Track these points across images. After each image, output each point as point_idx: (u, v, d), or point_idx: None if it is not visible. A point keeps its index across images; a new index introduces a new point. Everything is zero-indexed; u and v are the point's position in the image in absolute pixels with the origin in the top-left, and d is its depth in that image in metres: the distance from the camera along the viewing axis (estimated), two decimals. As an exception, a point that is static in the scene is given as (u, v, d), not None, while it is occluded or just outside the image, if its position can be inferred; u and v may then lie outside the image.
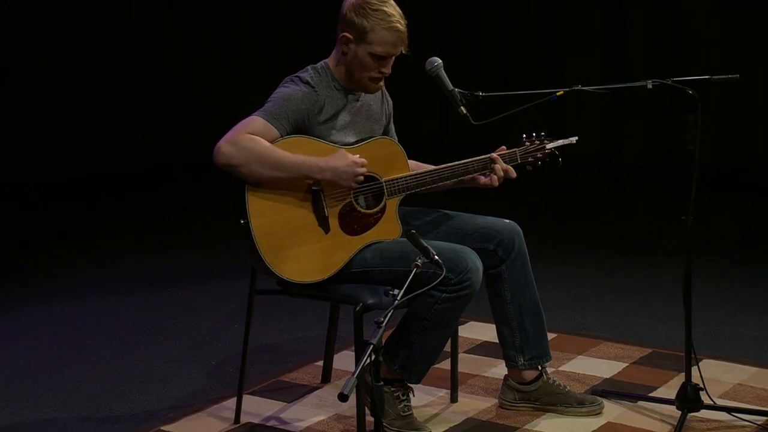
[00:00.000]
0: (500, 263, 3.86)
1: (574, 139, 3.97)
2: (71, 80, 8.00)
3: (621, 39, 8.18)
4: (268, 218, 3.58)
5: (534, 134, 3.96)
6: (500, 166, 3.83)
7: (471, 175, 3.85)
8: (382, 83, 3.76)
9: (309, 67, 3.75)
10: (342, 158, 3.61)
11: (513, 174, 3.86)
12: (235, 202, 3.59)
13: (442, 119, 8.90)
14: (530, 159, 3.92)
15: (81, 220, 7.16)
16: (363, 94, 3.80)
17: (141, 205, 7.54)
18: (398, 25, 3.65)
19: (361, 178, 3.63)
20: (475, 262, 3.63)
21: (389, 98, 3.95)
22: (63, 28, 7.93)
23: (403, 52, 3.70)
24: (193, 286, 5.64)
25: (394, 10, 3.67)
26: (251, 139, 3.53)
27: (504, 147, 3.91)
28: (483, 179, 3.86)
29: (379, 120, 3.88)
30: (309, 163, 3.58)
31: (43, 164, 7.89)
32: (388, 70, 3.71)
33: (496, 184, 3.85)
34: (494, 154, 3.85)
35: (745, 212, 6.97)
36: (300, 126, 3.64)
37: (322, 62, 3.76)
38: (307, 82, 3.68)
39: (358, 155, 3.64)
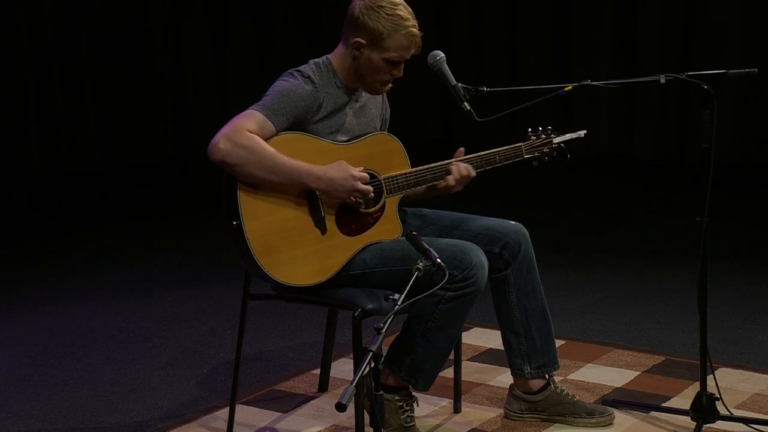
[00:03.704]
0: (506, 267, 3.86)
1: (582, 133, 3.97)
2: (57, 79, 8.01)
3: (633, 31, 8.17)
4: (262, 219, 3.59)
5: (540, 128, 3.97)
6: (456, 168, 3.79)
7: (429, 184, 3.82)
8: (390, 85, 3.78)
9: (311, 62, 3.76)
10: (340, 170, 3.62)
11: (473, 173, 3.81)
12: (227, 202, 3.60)
13: (444, 115, 8.89)
14: (536, 154, 3.93)
15: (63, 221, 7.16)
16: (363, 95, 3.82)
17: (128, 207, 7.54)
18: (414, 29, 3.67)
19: (358, 195, 3.63)
20: (480, 258, 3.64)
21: (388, 105, 3.97)
22: (51, 27, 7.94)
23: (414, 53, 3.72)
24: (184, 291, 5.65)
25: (407, 13, 3.68)
26: (250, 138, 3.54)
27: (462, 149, 3.87)
28: (441, 183, 3.82)
29: (376, 125, 3.89)
30: (306, 170, 3.59)
31: (26, 165, 7.89)
32: (400, 73, 3.74)
33: (452, 183, 3.78)
34: (453, 163, 3.80)
35: (763, 214, 6.97)
36: (298, 122, 3.66)
37: (323, 57, 3.77)
38: (308, 77, 3.69)
39: (360, 169, 3.65)
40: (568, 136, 3.97)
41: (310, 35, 8.91)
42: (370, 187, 3.65)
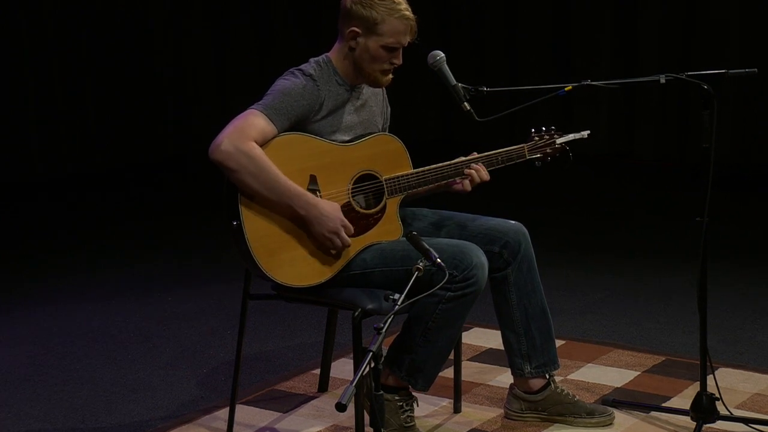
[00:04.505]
0: (506, 266, 3.86)
1: (585, 134, 3.97)
2: (57, 79, 8.01)
3: (633, 31, 8.17)
4: (262, 220, 3.59)
5: (543, 128, 3.97)
6: (476, 174, 3.82)
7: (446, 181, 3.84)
8: (391, 76, 3.78)
9: (311, 60, 3.76)
10: (332, 210, 3.62)
11: (486, 176, 3.83)
12: (228, 202, 3.60)
13: (444, 115, 8.89)
14: (539, 154, 3.93)
15: (63, 221, 7.16)
16: (364, 92, 3.82)
17: (128, 207, 7.54)
18: (407, 12, 3.68)
19: (336, 240, 3.62)
20: (480, 258, 3.64)
21: (389, 105, 3.97)
22: (51, 27, 7.94)
23: (410, 41, 3.72)
24: (184, 291, 5.65)
25: None
26: (253, 147, 3.53)
27: (475, 153, 3.88)
28: (456, 185, 3.85)
29: (378, 122, 3.89)
30: (299, 195, 3.59)
31: (26, 165, 7.88)
32: (399, 61, 3.74)
33: (469, 188, 3.83)
34: (474, 165, 3.82)
35: (763, 214, 6.97)
36: (299, 121, 3.66)
37: (323, 55, 3.78)
38: (309, 75, 3.69)
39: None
40: (571, 137, 3.96)
41: (310, 35, 8.91)
42: (349, 241, 3.65)
